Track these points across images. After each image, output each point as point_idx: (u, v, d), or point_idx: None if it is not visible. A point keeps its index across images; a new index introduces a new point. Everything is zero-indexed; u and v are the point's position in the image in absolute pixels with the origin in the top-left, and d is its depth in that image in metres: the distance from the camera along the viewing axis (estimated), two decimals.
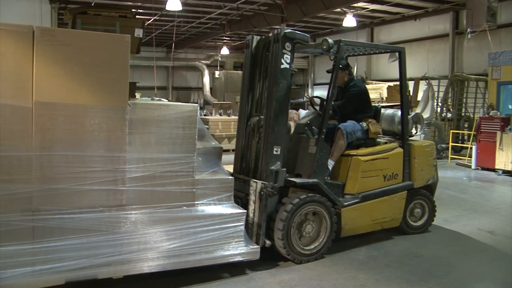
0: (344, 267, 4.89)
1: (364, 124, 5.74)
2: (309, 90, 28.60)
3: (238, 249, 4.50)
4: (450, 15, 19.15)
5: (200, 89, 32.46)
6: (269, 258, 4.81)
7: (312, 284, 4.43)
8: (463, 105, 15.18)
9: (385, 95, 19.80)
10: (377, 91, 20.44)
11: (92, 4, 14.87)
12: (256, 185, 4.78)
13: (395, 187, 5.73)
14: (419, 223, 6.11)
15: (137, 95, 16.23)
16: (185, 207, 4.35)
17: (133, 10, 14.35)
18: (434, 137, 13.91)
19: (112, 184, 4.05)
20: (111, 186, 4.06)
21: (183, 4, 15.95)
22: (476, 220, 6.81)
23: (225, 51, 30.37)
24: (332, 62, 5.35)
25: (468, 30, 16.86)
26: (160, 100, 7.97)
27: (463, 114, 15.13)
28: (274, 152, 4.92)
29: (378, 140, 5.88)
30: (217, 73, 31.57)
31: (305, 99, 5.85)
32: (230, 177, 4.70)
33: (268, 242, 4.72)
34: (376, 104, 6.30)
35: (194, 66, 32.20)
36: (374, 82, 22.24)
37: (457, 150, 13.66)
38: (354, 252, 5.35)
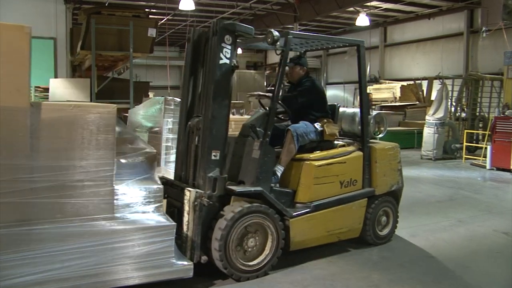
0: (357, 267, 4.87)
1: (319, 125, 5.22)
2: None
3: (167, 267, 4.00)
4: (465, 13, 19.00)
5: None
6: (282, 258, 4.79)
7: (324, 284, 4.42)
8: (478, 104, 15.03)
9: (398, 94, 19.73)
10: (390, 91, 20.36)
11: (106, 4, 14.99)
12: (189, 194, 4.26)
13: (354, 194, 5.23)
14: (385, 232, 5.61)
15: (151, 94, 16.34)
16: (102, 221, 3.81)
17: (147, 10, 14.46)
18: (448, 137, 13.81)
19: (13, 196, 3.52)
20: (12, 198, 3.52)
21: (196, 3, 16.01)
22: (491, 221, 6.73)
23: (237, 50, 30.31)
24: (300, 56, 5.03)
25: (483, 28, 16.71)
26: (173, 99, 8.01)
27: (477, 113, 14.97)
28: (212, 157, 4.47)
29: (336, 142, 5.42)
30: None
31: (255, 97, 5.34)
32: (159, 186, 4.22)
33: (204, 258, 4.26)
34: (335, 103, 5.91)
35: None
36: (387, 81, 22.15)
37: (471, 150, 13.53)
38: (367, 252, 5.32)
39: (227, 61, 4.51)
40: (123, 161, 4.15)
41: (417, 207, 7.50)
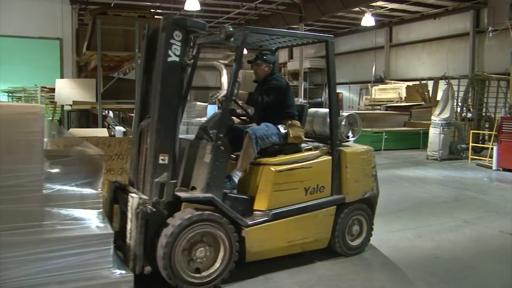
0: (362, 268, 4.86)
1: (283, 127, 4.87)
2: (328, 90, 28.45)
3: (104, 278, 3.68)
4: (471, 13, 18.94)
5: (219, 88, 32.61)
6: (288, 258, 4.79)
7: (330, 285, 4.41)
8: (484, 105, 14.96)
9: (404, 94, 19.68)
10: (395, 91, 20.32)
11: (112, 5, 15.05)
12: (132, 200, 3.98)
13: (320, 202, 4.84)
14: (357, 242, 5.19)
15: None
16: (30, 229, 3.48)
17: (152, 10, 14.49)
18: (454, 137, 13.76)
19: None
20: None
21: (202, 4, 16.05)
22: (497, 222, 6.69)
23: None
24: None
25: (490, 28, 16.67)
26: None
27: (483, 114, 14.91)
28: (160, 161, 4.17)
29: (304, 145, 5.05)
30: None
31: (216, 98, 4.89)
32: (98, 192, 3.90)
33: (147, 269, 3.95)
34: (303, 103, 5.50)
35: (212, 65, 32.32)
36: (392, 81, 22.11)
37: (477, 151, 13.47)
38: (373, 252, 5.31)
39: (177, 59, 4.22)
40: (60, 165, 3.86)
41: (423, 208, 7.48)
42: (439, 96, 15.65)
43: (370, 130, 14.93)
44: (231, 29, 4.31)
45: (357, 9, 18.43)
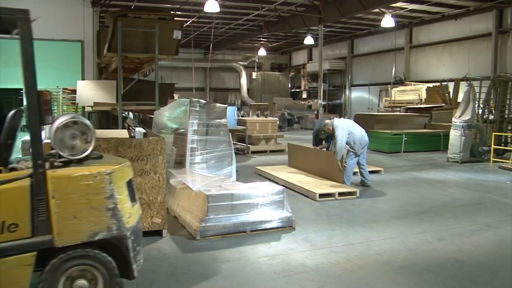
0: (383, 270, 4.82)
1: None
2: (347, 92, 28.40)
3: None
4: (493, 13, 18.73)
5: (238, 90, 32.87)
6: (307, 258, 4.77)
7: (350, 287, 4.40)
8: (507, 106, 14.73)
9: (424, 96, 19.50)
10: (415, 92, 20.16)
11: (132, 7, 15.22)
12: None
13: (4, 246, 3.40)
14: None
15: (176, 96, 16.51)
16: None
17: (172, 12, 14.60)
18: (475, 139, 13.58)
19: None
20: None
21: (221, 6, 16.12)
22: None
23: (262, 52, 30.60)
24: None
25: None
26: (198, 101, 8.07)
27: (506, 115, 14.67)
28: None
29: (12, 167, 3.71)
30: (254, 74, 31.88)
31: None
32: None
33: None
34: (21, 107, 4.04)
35: (231, 67, 32.62)
36: (412, 83, 21.93)
37: (499, 153, 13.27)
38: (392, 255, 5.27)
39: None
40: None
41: (443, 211, 7.40)
42: (460, 98, 15.45)
43: (390, 132, 14.83)
44: None
45: (376, 10, 18.34)
